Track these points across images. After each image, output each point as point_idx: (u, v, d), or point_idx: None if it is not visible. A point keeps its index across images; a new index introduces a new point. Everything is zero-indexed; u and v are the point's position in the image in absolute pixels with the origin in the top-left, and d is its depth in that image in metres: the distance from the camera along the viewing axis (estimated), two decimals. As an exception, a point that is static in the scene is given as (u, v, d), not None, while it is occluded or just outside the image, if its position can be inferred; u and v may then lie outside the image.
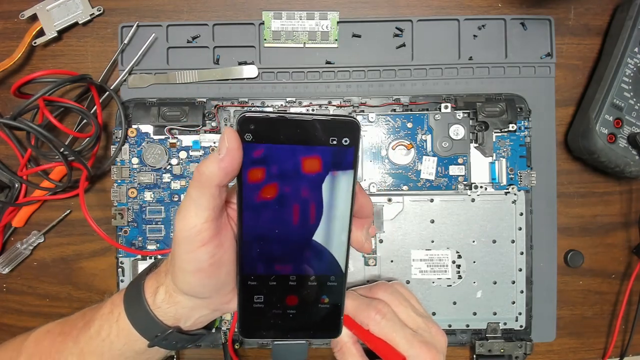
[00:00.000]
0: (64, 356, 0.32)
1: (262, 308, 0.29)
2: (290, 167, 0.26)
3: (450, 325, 0.45)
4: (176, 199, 0.44)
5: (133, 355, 0.32)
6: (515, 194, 0.44)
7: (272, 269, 0.28)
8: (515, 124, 0.44)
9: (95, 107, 0.44)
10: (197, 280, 0.28)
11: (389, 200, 0.44)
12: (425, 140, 0.45)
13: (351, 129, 0.26)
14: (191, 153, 0.44)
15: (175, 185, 0.44)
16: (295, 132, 0.25)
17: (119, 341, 0.31)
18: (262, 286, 0.29)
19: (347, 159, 0.26)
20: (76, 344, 0.32)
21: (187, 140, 0.44)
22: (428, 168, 0.44)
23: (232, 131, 0.25)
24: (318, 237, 0.28)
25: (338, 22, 0.46)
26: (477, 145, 0.45)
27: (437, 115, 0.44)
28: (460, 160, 0.45)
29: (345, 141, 0.26)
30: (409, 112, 0.45)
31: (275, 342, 0.31)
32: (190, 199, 0.26)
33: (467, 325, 0.45)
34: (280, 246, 0.28)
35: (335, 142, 0.26)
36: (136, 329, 0.30)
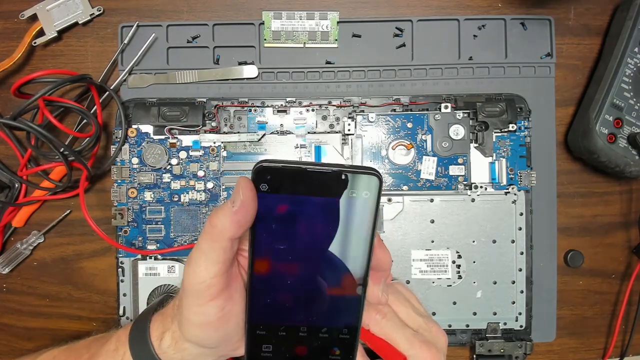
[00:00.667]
0: None
1: (270, 357, 0.28)
2: (306, 218, 0.25)
3: (450, 325, 0.45)
4: (176, 199, 0.44)
5: None
6: (515, 194, 0.44)
7: (282, 319, 0.27)
8: (515, 124, 0.44)
9: (95, 107, 0.44)
10: (204, 332, 0.27)
11: (389, 200, 0.44)
12: (425, 140, 0.45)
13: (372, 182, 0.25)
14: (191, 153, 0.44)
15: (175, 185, 0.44)
16: (313, 184, 0.24)
17: None
18: (271, 336, 0.28)
19: (366, 212, 0.25)
20: None
21: (187, 140, 0.44)
22: (428, 168, 0.44)
23: (247, 181, 0.24)
24: (332, 290, 0.27)
25: (338, 22, 0.46)
26: (477, 145, 0.45)
27: (437, 115, 0.44)
28: (460, 160, 0.45)
29: (366, 194, 0.25)
30: (409, 112, 0.45)
31: None
32: (200, 251, 0.25)
33: (467, 325, 0.45)
34: (291, 297, 0.27)
35: (354, 195, 0.25)
36: None
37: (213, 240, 0.24)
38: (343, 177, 0.24)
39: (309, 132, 0.45)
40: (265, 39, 0.46)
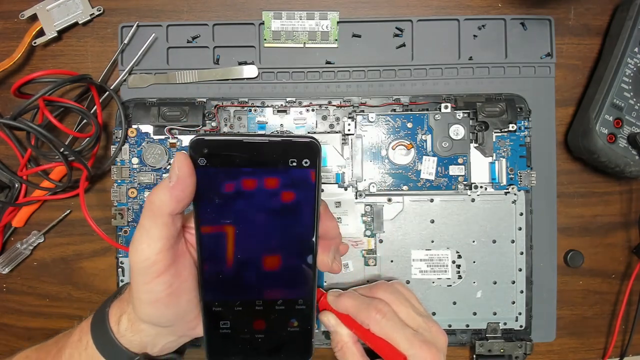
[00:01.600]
0: None
1: (229, 333, 0.28)
2: (248, 191, 0.25)
3: (450, 325, 0.45)
4: (176, 199, 0.44)
5: None
6: (515, 194, 0.44)
7: (236, 295, 0.28)
8: (515, 124, 0.44)
9: (95, 107, 0.44)
10: (155, 310, 0.27)
11: (389, 200, 0.44)
12: (425, 140, 0.45)
13: (310, 150, 0.25)
14: (191, 153, 0.44)
15: (175, 185, 0.44)
16: (252, 155, 0.24)
17: None
18: (228, 312, 0.28)
19: (308, 181, 0.25)
20: None
21: (187, 140, 0.44)
22: (428, 168, 0.44)
23: (183, 156, 0.24)
24: (282, 261, 0.27)
25: (338, 22, 0.46)
26: (477, 145, 0.45)
27: (437, 115, 0.44)
28: (460, 160, 0.45)
29: (306, 162, 0.25)
30: (409, 112, 0.45)
31: None
32: (142, 229, 0.25)
33: (467, 325, 0.45)
34: (243, 271, 0.27)
35: (294, 164, 0.25)
36: (104, 356, 0.30)
37: (153, 217, 0.24)
38: (280, 146, 0.24)
39: (309, 132, 0.45)
40: (265, 39, 0.46)
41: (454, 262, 0.44)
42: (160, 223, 0.24)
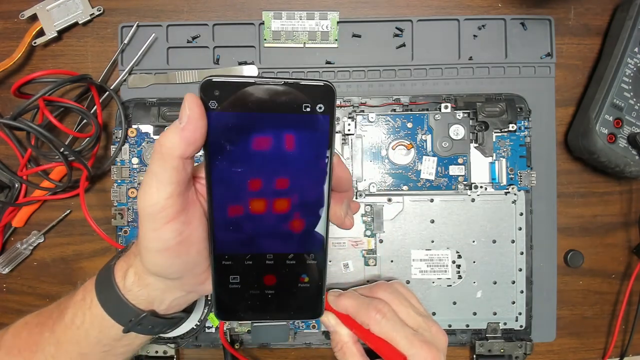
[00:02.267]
0: (41, 347, 0.31)
1: (238, 289, 0.27)
2: (260, 137, 0.24)
3: (450, 325, 0.45)
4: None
5: (110, 343, 0.30)
6: (515, 194, 0.44)
7: (247, 248, 0.27)
8: (515, 124, 0.44)
9: (95, 107, 0.44)
10: (164, 260, 0.26)
11: (389, 200, 0.44)
12: (425, 140, 0.45)
13: (325, 94, 0.24)
14: (191, 153, 0.44)
15: (175, 185, 0.44)
16: (264, 98, 0.23)
17: (93, 328, 0.30)
18: (238, 266, 0.27)
19: (322, 128, 0.24)
20: (53, 334, 0.31)
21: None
22: (428, 168, 0.44)
23: (193, 97, 0.22)
24: (294, 212, 0.26)
25: (338, 22, 0.46)
26: (477, 145, 0.45)
27: (437, 115, 0.44)
28: (460, 160, 0.45)
29: (320, 108, 0.24)
30: (409, 112, 0.45)
31: (255, 325, 0.29)
32: (151, 173, 0.24)
33: (467, 325, 0.45)
34: (254, 223, 0.26)
35: (308, 110, 0.24)
36: (109, 314, 0.29)
37: (163, 160, 0.23)
38: (294, 89, 0.23)
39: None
40: (265, 39, 0.46)
41: (454, 262, 0.44)
42: (170, 167, 0.23)
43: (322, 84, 0.23)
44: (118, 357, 0.32)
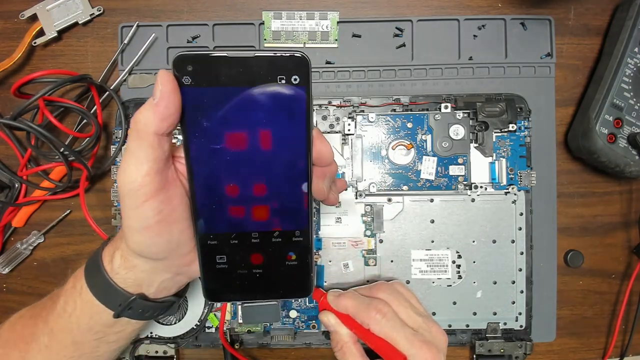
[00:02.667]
0: (36, 338, 0.31)
1: (225, 269, 0.27)
2: (236, 111, 0.23)
3: (450, 325, 0.45)
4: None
5: (102, 329, 0.31)
6: (515, 194, 0.44)
7: (231, 226, 0.26)
8: (515, 124, 0.44)
9: (95, 107, 0.44)
10: (146, 238, 0.26)
11: (389, 200, 0.44)
12: (425, 140, 0.45)
13: (299, 65, 0.23)
14: (191, 153, 0.44)
15: (175, 185, 0.44)
16: (238, 72, 0.23)
17: (84, 315, 0.30)
18: (223, 245, 0.27)
19: (298, 100, 0.24)
20: (46, 324, 0.31)
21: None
22: (428, 168, 0.44)
23: (166, 73, 0.23)
24: (276, 188, 0.26)
25: (338, 22, 0.46)
26: (477, 145, 0.45)
27: (437, 115, 0.44)
28: (460, 160, 0.45)
29: (295, 79, 0.23)
30: (409, 112, 0.45)
31: (245, 305, 0.29)
32: (129, 151, 0.24)
33: (467, 325, 0.45)
34: (235, 201, 0.26)
35: (283, 81, 0.23)
36: (98, 299, 0.29)
37: (139, 137, 0.23)
38: (267, 61, 0.23)
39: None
40: (265, 39, 0.46)
41: (454, 262, 0.44)
42: (146, 144, 0.23)
43: (296, 54, 0.23)
44: (111, 344, 0.32)
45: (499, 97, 0.45)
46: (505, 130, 0.44)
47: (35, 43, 0.45)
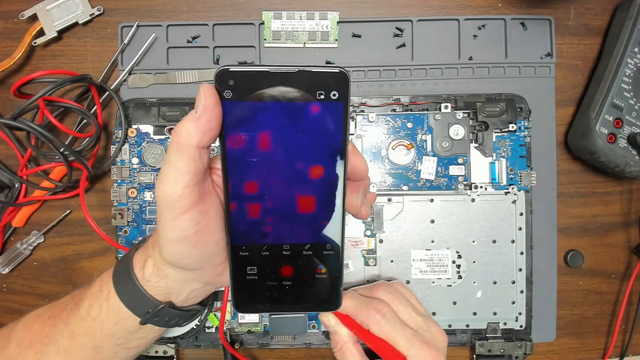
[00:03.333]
0: (54, 339, 0.31)
1: (255, 280, 0.28)
2: (275, 125, 0.24)
3: (450, 325, 0.45)
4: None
5: (125, 335, 0.30)
6: (515, 194, 0.44)
7: (263, 238, 0.27)
8: (515, 124, 0.44)
9: (95, 107, 0.44)
10: (182, 250, 0.26)
11: (389, 200, 0.44)
12: (425, 140, 0.45)
13: (339, 81, 0.24)
14: (191, 153, 0.44)
15: (175, 185, 0.44)
16: (279, 87, 0.23)
17: (109, 320, 0.30)
18: (255, 257, 0.27)
19: (336, 115, 0.24)
20: (67, 326, 0.31)
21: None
22: (428, 168, 0.44)
23: (208, 87, 0.23)
24: (310, 201, 0.26)
25: (338, 22, 0.46)
26: (477, 145, 0.45)
27: (437, 115, 0.44)
28: (460, 160, 0.45)
29: (334, 95, 0.24)
30: (409, 112, 0.45)
31: (272, 317, 0.30)
32: (169, 163, 0.24)
33: (467, 325, 0.45)
34: (270, 213, 0.26)
35: (322, 97, 0.24)
36: (126, 305, 0.29)
37: (180, 150, 0.24)
38: (308, 77, 0.23)
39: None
40: (265, 39, 0.46)
41: (454, 262, 0.44)
42: (187, 156, 0.24)
43: (336, 70, 0.23)
44: (131, 350, 0.32)
45: (499, 97, 0.45)
46: (505, 130, 0.44)
47: (35, 43, 0.45)
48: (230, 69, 0.23)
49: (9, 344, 0.33)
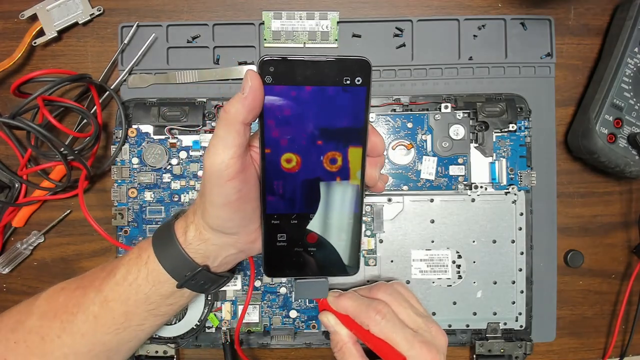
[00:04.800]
0: (84, 307, 0.33)
1: (284, 246, 0.31)
2: (307, 106, 0.28)
3: (450, 325, 0.45)
4: (176, 199, 0.44)
5: (158, 300, 0.33)
6: (515, 194, 0.44)
7: (292, 208, 0.30)
8: (515, 124, 0.44)
9: (95, 107, 0.44)
10: (225, 213, 0.29)
11: (389, 200, 0.44)
12: (425, 140, 0.45)
13: (363, 68, 0.27)
14: (191, 153, 0.44)
15: (175, 185, 0.44)
16: (311, 73, 0.27)
17: (147, 284, 0.32)
18: (285, 225, 0.30)
19: (360, 98, 0.28)
20: (99, 293, 0.33)
21: (187, 140, 0.44)
22: (428, 168, 0.44)
23: (253, 72, 0.26)
24: (335, 174, 0.30)
25: (338, 22, 0.46)
26: (477, 145, 0.45)
27: (437, 115, 0.44)
28: (460, 160, 0.45)
29: (358, 80, 0.27)
30: (409, 112, 0.45)
31: (298, 280, 0.33)
32: (217, 137, 0.27)
33: (467, 325, 0.45)
34: (299, 186, 0.29)
35: (348, 82, 0.27)
36: (166, 269, 0.31)
37: (228, 125, 0.27)
38: (337, 64, 0.27)
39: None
40: (265, 39, 0.46)
41: (454, 262, 0.44)
42: (234, 131, 0.27)
43: (361, 59, 0.27)
44: (158, 318, 0.34)
45: (499, 97, 0.45)
46: (505, 130, 0.44)
47: (35, 43, 0.45)
48: (272, 58, 0.26)
49: (29, 318, 0.34)
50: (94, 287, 0.33)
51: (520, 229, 0.44)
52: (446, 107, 0.44)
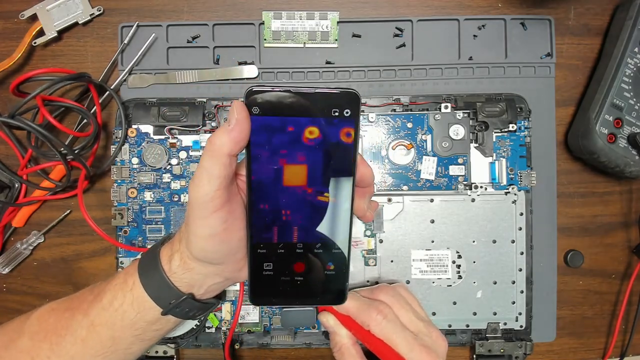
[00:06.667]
0: (71, 330, 0.32)
1: (271, 275, 0.30)
2: (295, 138, 0.27)
3: (450, 325, 0.45)
4: (176, 199, 0.44)
5: (144, 326, 0.32)
6: (515, 194, 0.44)
7: (279, 237, 0.30)
8: (515, 124, 0.44)
9: (95, 107, 0.44)
10: (210, 245, 0.29)
11: (389, 200, 0.44)
12: (425, 140, 0.45)
13: (352, 100, 0.27)
14: (191, 153, 0.44)
15: (175, 185, 0.44)
16: (299, 105, 0.26)
17: (132, 310, 0.31)
18: (271, 254, 0.30)
19: (348, 129, 0.27)
20: (86, 317, 0.32)
21: (187, 140, 0.44)
22: (428, 168, 0.44)
23: (240, 104, 0.26)
24: (322, 205, 0.29)
25: (338, 22, 0.46)
26: (477, 145, 0.45)
27: (437, 115, 0.44)
28: (460, 160, 0.45)
29: (347, 112, 0.27)
30: (409, 112, 0.45)
31: (284, 310, 0.33)
32: (202, 168, 0.27)
33: (467, 325, 0.45)
34: (286, 214, 0.29)
35: (337, 114, 0.27)
36: (151, 296, 0.31)
37: (213, 157, 0.26)
38: (325, 97, 0.27)
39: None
40: (265, 39, 0.46)
41: (454, 262, 0.44)
42: (219, 163, 0.26)
43: (349, 92, 0.27)
44: (145, 342, 0.33)
45: (499, 97, 0.45)
46: (505, 130, 0.44)
47: (35, 43, 0.45)
48: (258, 89, 0.26)
49: (20, 337, 0.33)
50: (81, 310, 0.33)
51: (520, 229, 0.44)
52: (446, 107, 0.44)
